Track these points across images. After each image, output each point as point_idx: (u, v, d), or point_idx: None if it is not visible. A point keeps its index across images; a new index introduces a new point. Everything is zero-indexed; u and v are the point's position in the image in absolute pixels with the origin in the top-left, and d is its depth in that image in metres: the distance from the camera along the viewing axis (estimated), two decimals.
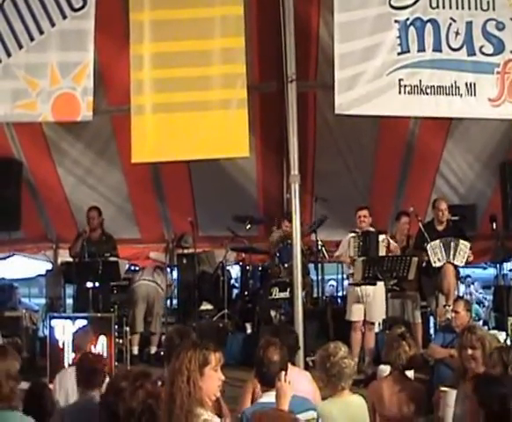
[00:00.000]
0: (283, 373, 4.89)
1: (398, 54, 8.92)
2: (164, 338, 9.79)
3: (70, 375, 6.83)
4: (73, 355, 8.39)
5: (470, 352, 6.17)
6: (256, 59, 10.79)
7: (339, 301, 12.50)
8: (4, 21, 9.11)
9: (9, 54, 9.15)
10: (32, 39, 9.12)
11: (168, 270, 12.04)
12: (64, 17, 9.07)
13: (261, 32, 10.58)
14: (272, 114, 11.48)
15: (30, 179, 12.58)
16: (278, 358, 5.24)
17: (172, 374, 4.09)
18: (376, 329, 10.05)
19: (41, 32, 9.11)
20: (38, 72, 9.14)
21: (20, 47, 9.13)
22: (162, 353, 9.52)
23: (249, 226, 12.08)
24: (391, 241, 10.27)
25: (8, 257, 14.11)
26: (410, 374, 6.52)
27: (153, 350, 11.07)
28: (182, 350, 4.16)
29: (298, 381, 5.45)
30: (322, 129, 11.83)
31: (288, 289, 10.44)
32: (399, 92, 8.87)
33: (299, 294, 8.91)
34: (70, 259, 11.47)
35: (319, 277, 11.75)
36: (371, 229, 10.20)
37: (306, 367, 8.40)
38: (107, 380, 5.77)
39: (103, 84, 10.68)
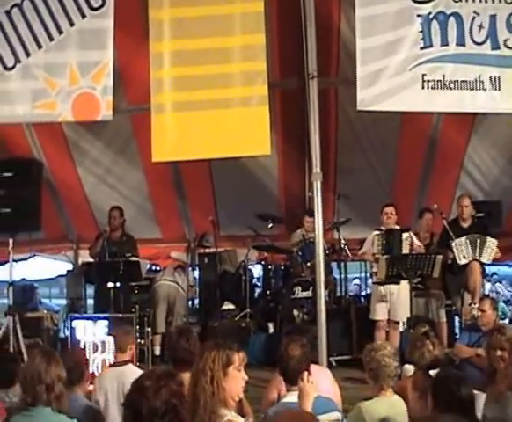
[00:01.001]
0: (306, 373, 4.91)
1: (421, 48, 8.88)
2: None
3: (109, 376, 6.90)
4: (101, 356, 8.46)
5: (499, 353, 6.12)
6: (277, 55, 10.79)
7: (362, 299, 12.50)
8: (23, 21, 9.17)
9: (28, 55, 9.21)
10: (51, 38, 9.17)
11: (189, 270, 12.07)
12: (83, 16, 9.12)
13: (282, 29, 10.59)
14: (293, 111, 11.51)
15: (50, 179, 12.66)
16: (299, 353, 5.26)
17: (196, 375, 4.12)
18: (401, 328, 10.02)
19: (60, 32, 9.16)
20: (57, 72, 9.19)
21: (39, 46, 9.19)
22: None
23: (271, 225, 12.12)
24: (415, 238, 10.26)
25: (28, 257, 14.22)
26: (434, 373, 6.52)
27: None
28: (205, 350, 4.20)
29: (319, 380, 5.47)
30: (344, 126, 11.83)
31: (311, 288, 10.46)
32: (422, 87, 8.85)
33: (322, 292, 8.90)
34: (91, 260, 11.54)
35: (342, 275, 11.76)
36: (395, 227, 10.19)
37: (329, 367, 8.41)
38: None
39: (122, 83, 10.72)
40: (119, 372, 6.77)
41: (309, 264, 10.88)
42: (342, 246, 11.57)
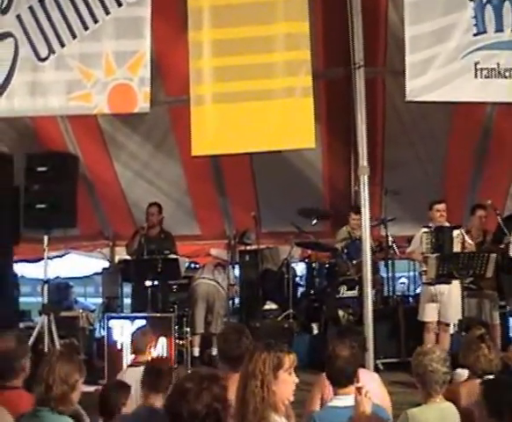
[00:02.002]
0: (360, 384, 4.86)
1: (474, 35, 8.77)
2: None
3: (129, 377, 6.95)
4: (132, 357, 8.49)
5: None
6: (321, 44, 10.74)
7: (410, 300, 12.41)
8: (58, 11, 9.24)
9: (62, 45, 9.27)
10: (86, 28, 9.22)
11: (230, 268, 12.09)
12: (119, 4, 9.15)
13: (326, 16, 10.53)
14: (338, 102, 11.48)
15: (85, 174, 12.77)
16: (348, 354, 5.23)
17: (245, 378, 4.11)
18: (452, 330, 9.94)
19: (96, 21, 9.21)
20: (92, 62, 9.24)
21: (74, 36, 9.25)
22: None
23: (315, 221, 12.09)
24: (467, 236, 10.14)
25: (63, 255, 14.36)
26: (488, 379, 6.44)
27: (214, 351, 11.07)
28: (255, 352, 4.19)
29: (366, 383, 5.43)
30: (392, 117, 11.76)
31: (357, 287, 10.43)
32: (475, 76, 8.74)
33: (369, 292, 8.86)
34: (128, 257, 11.60)
35: (390, 274, 11.69)
36: (446, 224, 10.09)
37: (376, 370, 8.37)
38: None
39: (160, 74, 10.78)
40: (137, 372, 6.80)
41: (355, 262, 10.85)
42: (390, 244, 11.49)
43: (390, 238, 11.49)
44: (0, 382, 5.41)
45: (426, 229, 10.00)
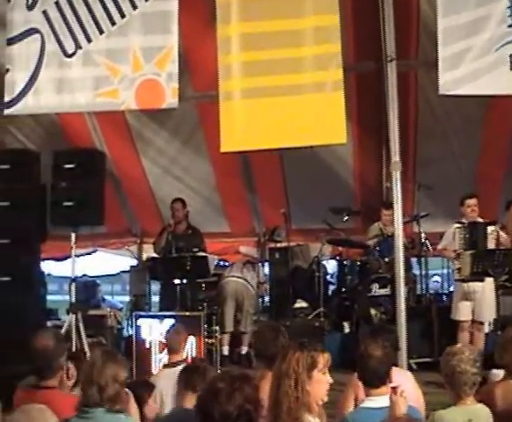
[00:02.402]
0: (396, 384, 4.84)
1: (509, 26, 8.68)
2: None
3: (166, 377, 6.99)
4: (163, 356, 8.54)
5: None
6: (351, 37, 10.71)
7: (444, 298, 12.37)
8: (84, 6, 9.30)
9: (89, 40, 9.33)
10: (113, 23, 9.27)
11: (259, 265, 12.10)
12: None
13: (357, 8, 10.51)
14: (369, 97, 11.45)
15: (113, 171, 12.85)
16: (380, 354, 5.21)
17: (278, 378, 4.12)
18: (486, 329, 9.90)
19: (123, 16, 9.25)
20: (119, 58, 9.29)
21: (101, 32, 9.30)
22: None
23: (346, 217, 12.07)
24: (502, 232, 10.07)
25: (90, 252, 14.45)
26: None
27: (244, 350, 11.15)
28: (288, 351, 4.20)
29: (402, 384, 5.42)
30: (424, 111, 11.70)
31: (389, 285, 10.41)
32: (511, 69, 8.68)
33: (401, 290, 8.83)
34: (156, 255, 11.65)
35: (423, 272, 11.65)
36: (479, 220, 10.03)
37: (410, 370, 8.34)
38: None
39: (188, 69, 10.81)
40: (172, 373, 6.83)
41: (387, 259, 10.83)
42: (423, 240, 11.45)
43: (422, 235, 11.45)
44: (38, 381, 5.45)
45: (459, 225, 9.92)
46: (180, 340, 7.95)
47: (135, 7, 9.21)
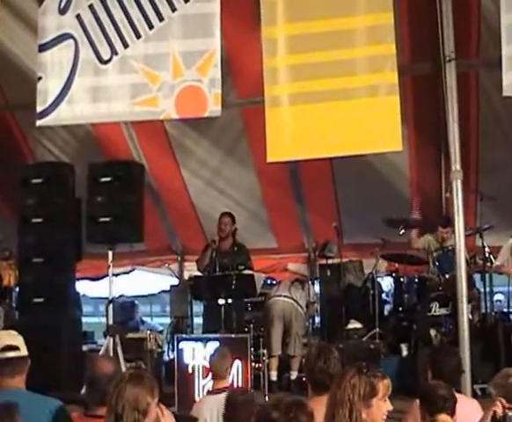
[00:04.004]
0: None
1: None
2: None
3: (208, 405, 7.01)
4: (207, 382, 8.55)
5: None
6: (407, 37, 10.69)
7: (511, 317, 12.25)
8: (120, 9, 9.39)
9: (126, 46, 9.43)
10: (151, 27, 9.35)
11: (309, 284, 12.07)
12: (186, 0, 9.26)
13: (412, 5, 10.48)
14: (426, 100, 11.41)
15: (152, 184, 12.93)
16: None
17: (333, 406, 4.09)
18: None
19: (161, 19, 9.32)
20: (158, 64, 9.36)
21: (138, 36, 9.38)
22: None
23: (403, 231, 12.00)
24: None
25: (129, 271, 14.53)
26: None
27: (294, 375, 11.10)
28: (345, 377, 4.17)
29: (465, 411, 5.39)
30: (487, 115, 11.62)
31: (451, 304, 10.34)
32: None
33: (464, 309, 8.79)
34: (199, 273, 11.66)
35: (487, 289, 11.54)
36: None
37: (474, 396, 8.29)
38: None
39: (231, 74, 10.87)
40: (217, 400, 6.84)
41: (447, 276, 10.75)
42: (486, 255, 11.35)
43: (486, 249, 11.35)
44: (91, 410, 5.35)
45: None
46: (226, 365, 7.96)
47: (174, 9, 9.28)
